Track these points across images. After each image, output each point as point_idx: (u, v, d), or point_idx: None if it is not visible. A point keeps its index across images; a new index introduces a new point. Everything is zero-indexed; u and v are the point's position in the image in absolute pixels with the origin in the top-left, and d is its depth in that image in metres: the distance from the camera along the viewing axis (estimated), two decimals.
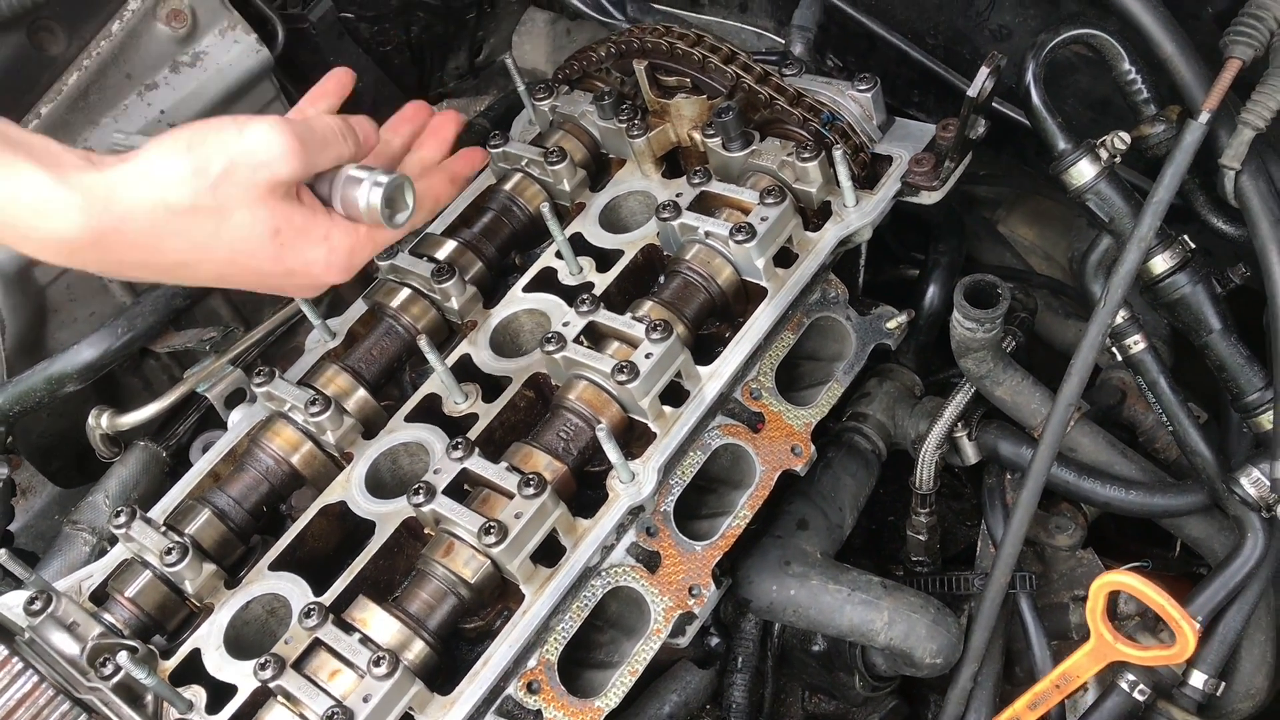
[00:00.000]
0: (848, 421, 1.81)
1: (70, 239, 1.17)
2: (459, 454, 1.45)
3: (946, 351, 1.69)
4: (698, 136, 1.71)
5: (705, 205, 1.66)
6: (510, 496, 1.39)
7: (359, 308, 1.77)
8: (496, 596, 1.44)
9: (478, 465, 1.44)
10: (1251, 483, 1.48)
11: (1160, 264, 1.51)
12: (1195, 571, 1.82)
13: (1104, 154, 1.51)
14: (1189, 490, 1.59)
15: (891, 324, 1.71)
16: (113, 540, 1.64)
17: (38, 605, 1.45)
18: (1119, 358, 1.57)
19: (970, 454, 1.72)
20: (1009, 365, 1.65)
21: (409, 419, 1.61)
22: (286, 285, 1.34)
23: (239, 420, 1.69)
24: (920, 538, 1.80)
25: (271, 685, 1.35)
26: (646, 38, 1.74)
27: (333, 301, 2.02)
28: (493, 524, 1.35)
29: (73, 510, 1.81)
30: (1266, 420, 1.47)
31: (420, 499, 1.41)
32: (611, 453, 1.39)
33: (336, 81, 1.51)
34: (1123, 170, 1.58)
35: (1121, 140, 1.49)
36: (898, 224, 1.99)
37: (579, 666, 1.51)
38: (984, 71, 1.48)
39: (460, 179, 1.54)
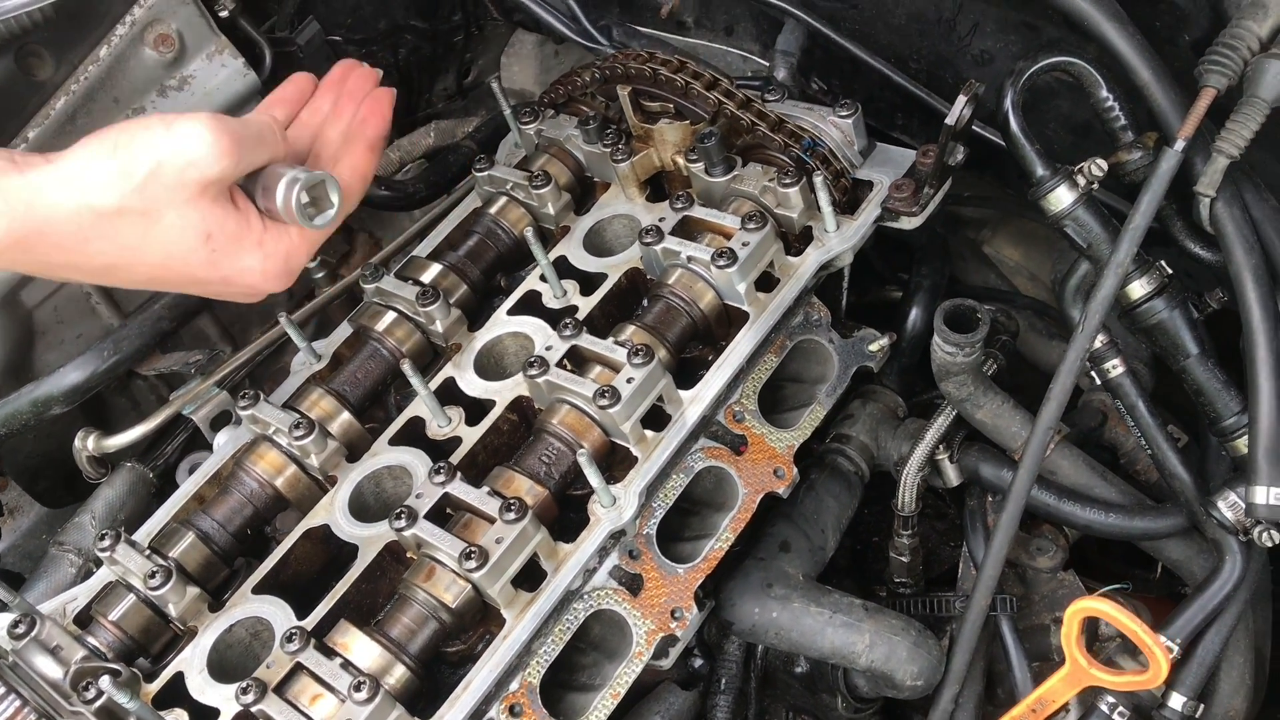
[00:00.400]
0: (830, 443, 1.82)
1: None
2: (441, 478, 1.46)
3: (929, 373, 1.70)
4: (681, 161, 1.72)
5: (688, 230, 1.67)
6: (492, 521, 1.40)
7: (344, 330, 1.78)
8: (478, 620, 1.44)
9: (459, 490, 1.45)
10: (1229, 506, 1.49)
11: (1138, 289, 1.52)
12: (1178, 591, 1.83)
13: (1081, 180, 1.52)
14: (1168, 513, 1.60)
15: (874, 347, 1.72)
16: (98, 561, 1.64)
17: (21, 629, 1.45)
18: (1098, 381, 1.59)
19: (952, 476, 1.73)
20: (990, 389, 1.66)
21: (393, 442, 1.62)
22: (225, 292, 1.33)
23: (224, 443, 1.69)
24: (903, 559, 1.81)
25: (253, 710, 1.35)
26: (630, 64, 1.75)
27: (320, 323, 2.04)
28: (474, 549, 1.35)
29: (59, 531, 1.81)
30: (1243, 445, 1.48)
31: (402, 523, 1.42)
32: (593, 477, 1.40)
33: (296, 88, 1.48)
34: (1102, 194, 1.60)
35: (1099, 167, 1.51)
36: (882, 244, 2.00)
37: (561, 689, 1.52)
38: (961, 100, 1.50)
39: (377, 142, 1.47)
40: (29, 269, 1.25)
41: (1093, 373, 1.58)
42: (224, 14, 1.92)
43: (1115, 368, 1.56)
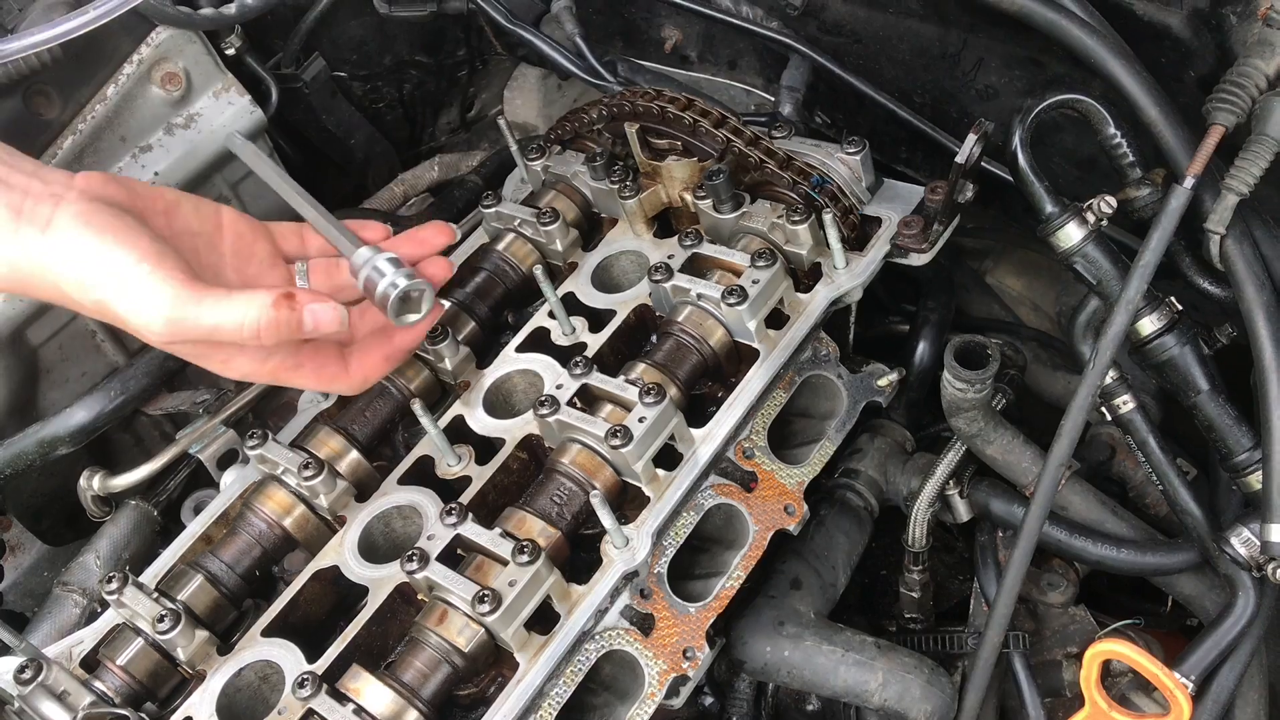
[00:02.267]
0: (840, 478, 1.82)
1: None
2: (452, 519, 1.45)
3: (937, 406, 1.70)
4: (689, 198, 1.73)
5: (697, 267, 1.67)
6: (504, 563, 1.39)
7: None
8: (491, 663, 1.43)
9: (471, 531, 1.44)
10: (1242, 543, 1.49)
11: (1148, 325, 1.52)
12: (1189, 624, 1.82)
13: (1091, 217, 1.52)
14: (1180, 549, 1.59)
15: (883, 382, 1.72)
16: (104, 602, 1.63)
17: (28, 674, 1.44)
18: (1108, 417, 1.59)
19: (962, 512, 1.73)
20: (1000, 424, 1.66)
21: (402, 481, 1.61)
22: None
23: (231, 482, 1.69)
24: (913, 595, 1.80)
25: None
26: (638, 101, 1.75)
27: None
28: (486, 592, 1.35)
29: (63, 571, 1.80)
30: (1255, 480, 1.48)
31: (414, 566, 1.41)
32: (606, 519, 1.39)
33: (435, 231, 1.60)
34: (1110, 229, 1.60)
35: (1108, 204, 1.51)
36: (888, 276, 2.00)
37: None
38: (971, 138, 1.50)
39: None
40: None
41: (1103, 409, 1.58)
42: (230, 51, 1.93)
43: (1126, 403, 1.56)
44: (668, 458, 1.52)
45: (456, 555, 1.46)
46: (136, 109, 1.83)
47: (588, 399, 1.57)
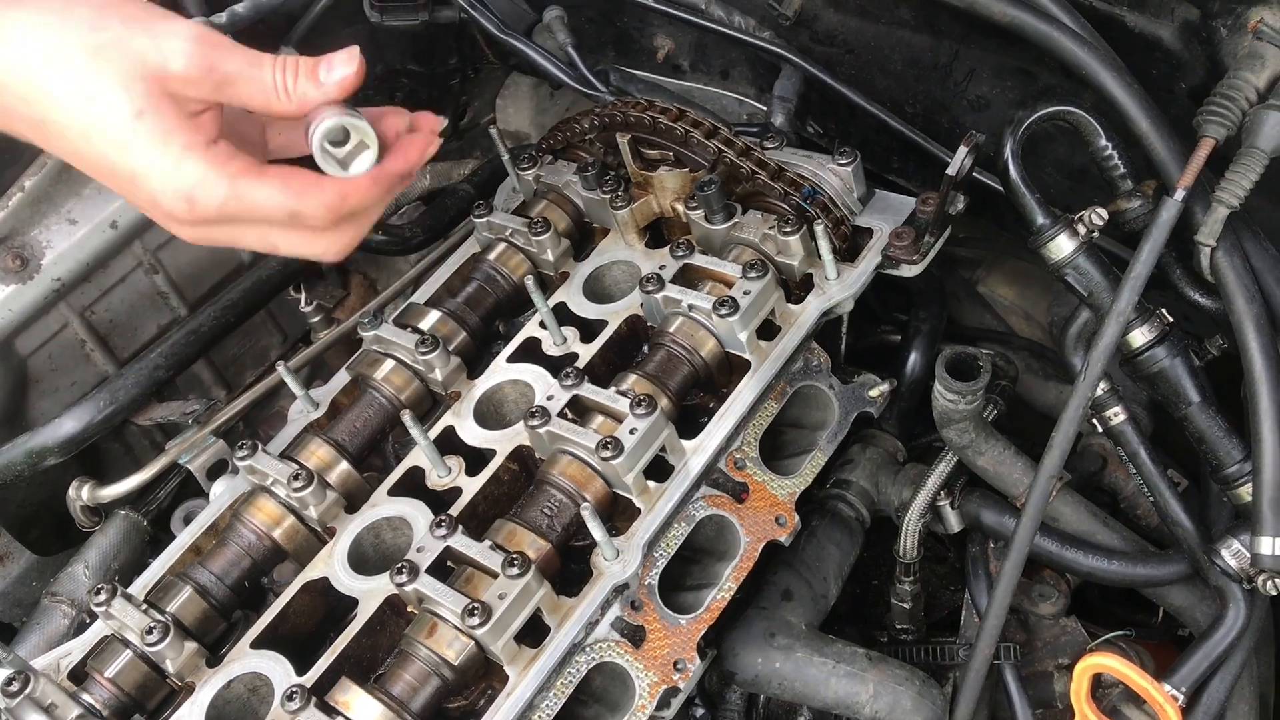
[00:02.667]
0: (831, 489, 1.82)
1: None
2: (442, 531, 1.45)
3: (929, 417, 1.69)
4: (680, 208, 1.73)
5: (689, 277, 1.67)
6: (494, 576, 1.39)
7: (342, 378, 1.77)
8: (481, 676, 1.43)
9: (461, 543, 1.43)
10: (1232, 554, 1.49)
11: (1139, 337, 1.52)
12: (1181, 634, 1.82)
13: (1082, 229, 1.53)
14: (1170, 560, 1.59)
15: (874, 392, 1.72)
16: (92, 613, 1.62)
17: (15, 686, 1.43)
18: (1099, 429, 1.59)
19: (953, 522, 1.73)
20: (991, 435, 1.66)
21: (392, 492, 1.61)
22: (133, 198, 1.23)
23: (221, 492, 1.68)
24: (905, 605, 1.80)
25: None
26: (630, 112, 1.75)
27: (318, 372, 2.03)
28: (476, 605, 1.34)
29: (52, 581, 1.79)
30: (1246, 492, 1.48)
31: (404, 578, 1.40)
32: (596, 532, 1.39)
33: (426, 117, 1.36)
34: (1102, 239, 1.60)
35: (1099, 216, 1.51)
36: (880, 286, 2.01)
37: None
38: (962, 151, 1.50)
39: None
40: None
41: (1094, 420, 1.58)
42: None
43: (1117, 415, 1.56)
44: (659, 469, 1.52)
45: (446, 567, 1.46)
46: None
47: (579, 410, 1.57)
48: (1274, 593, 1.45)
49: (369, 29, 2.07)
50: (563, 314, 1.73)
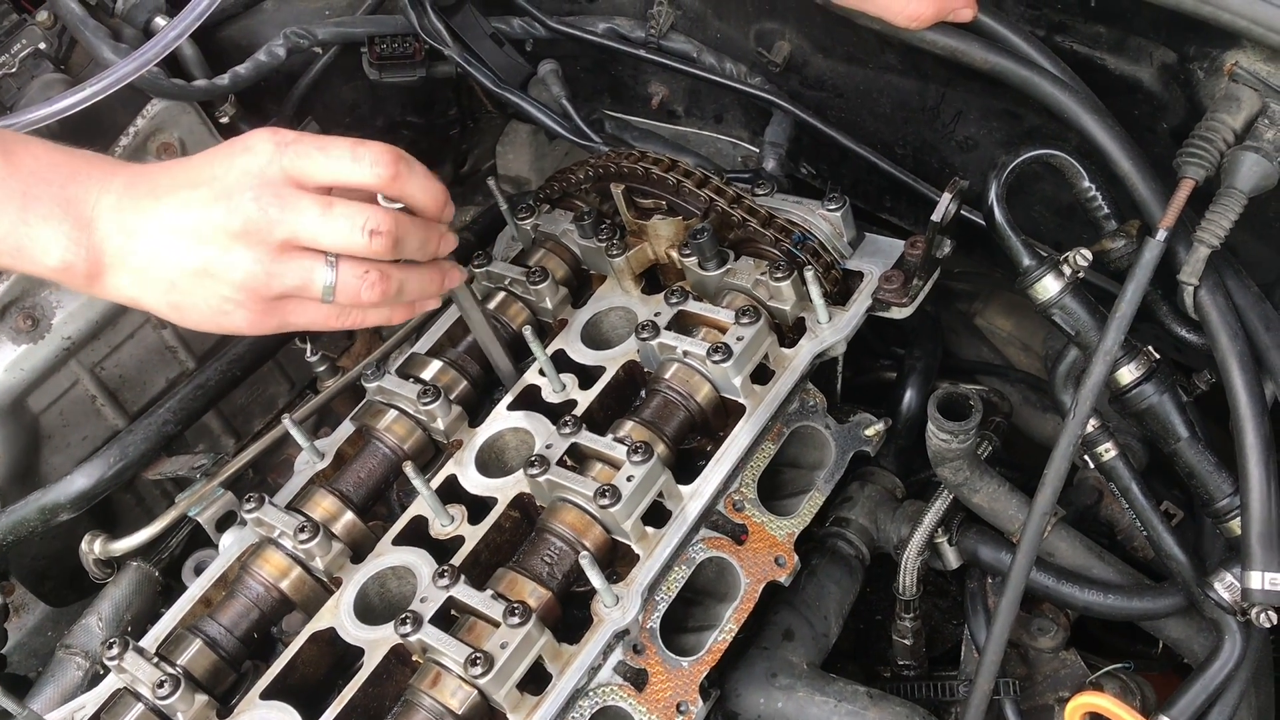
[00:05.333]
0: (831, 527, 1.84)
1: None
2: (445, 582, 1.47)
3: (925, 452, 1.72)
4: (675, 255, 1.76)
5: (683, 324, 1.71)
6: (496, 625, 1.41)
7: (346, 428, 1.80)
8: None
9: (463, 593, 1.46)
10: (1225, 587, 1.50)
11: (1127, 375, 1.54)
12: (1181, 663, 1.83)
13: (1067, 270, 1.55)
14: (1166, 593, 1.61)
15: (870, 431, 1.74)
16: (106, 665, 1.65)
17: None
18: (1091, 465, 1.61)
19: (951, 559, 1.75)
20: (985, 473, 1.68)
21: (396, 541, 1.64)
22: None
23: (230, 544, 1.71)
24: (906, 642, 1.81)
25: None
26: (623, 163, 1.79)
27: (326, 418, 2.06)
28: (479, 655, 1.37)
29: (66, 634, 1.82)
30: (1237, 526, 1.49)
31: (407, 629, 1.43)
32: (595, 579, 1.41)
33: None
34: (1091, 274, 1.62)
35: (1084, 257, 1.54)
36: (876, 320, 2.03)
37: None
38: (946, 197, 1.53)
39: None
40: None
41: (1086, 457, 1.60)
42: (225, 120, 1.97)
43: (1108, 451, 1.58)
44: (658, 514, 1.55)
45: (450, 616, 1.49)
46: None
47: (578, 457, 1.60)
48: (1268, 625, 1.47)
49: (368, 85, 2.12)
50: (562, 361, 1.76)
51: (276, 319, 1.40)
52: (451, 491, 1.67)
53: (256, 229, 1.32)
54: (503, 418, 1.73)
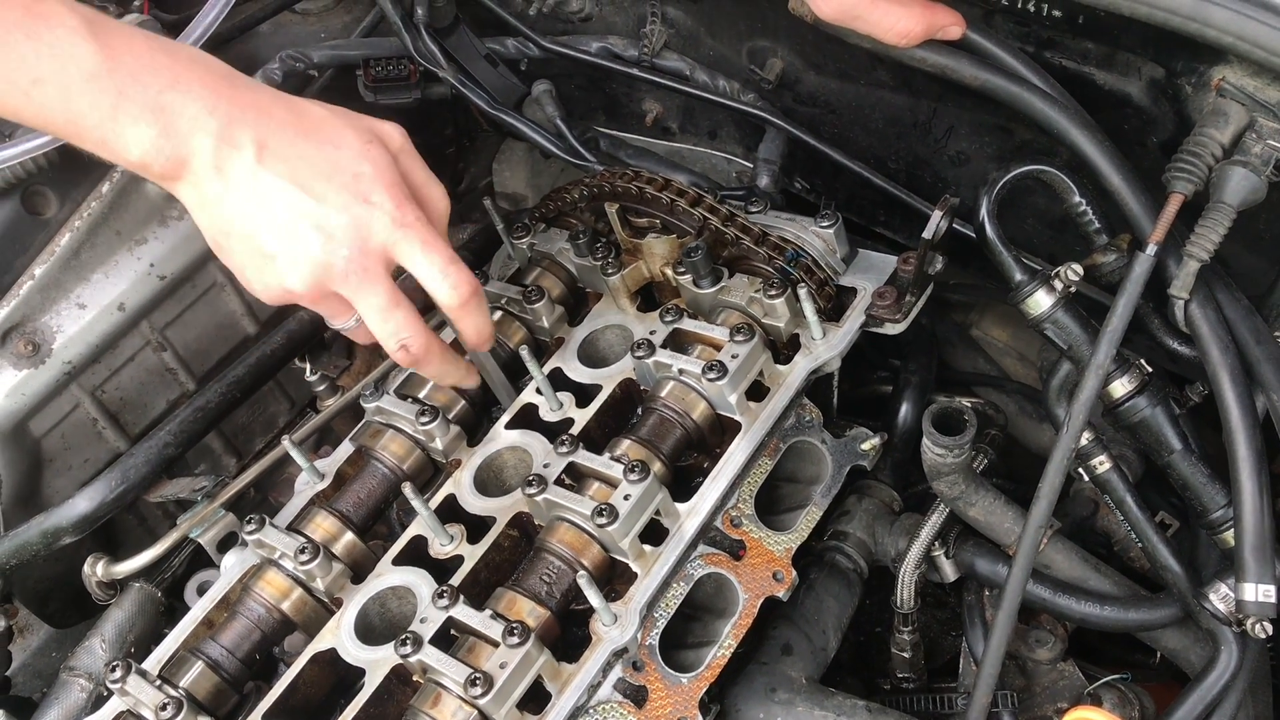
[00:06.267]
0: (829, 540, 1.84)
1: None
2: (444, 602, 1.49)
3: (922, 466, 1.73)
4: (669, 273, 1.77)
5: (679, 342, 1.72)
6: (495, 645, 1.42)
7: (346, 448, 1.81)
8: None
9: (463, 613, 1.47)
10: (1220, 598, 1.51)
11: (1119, 388, 1.56)
12: (1181, 672, 1.84)
13: (1059, 284, 1.56)
14: (1162, 605, 1.62)
15: (866, 446, 1.75)
16: (109, 688, 1.66)
17: None
18: (1085, 478, 1.62)
19: (949, 572, 1.76)
20: (981, 486, 1.69)
21: (396, 561, 1.65)
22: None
23: (231, 565, 1.72)
24: (904, 655, 1.82)
25: None
26: (617, 182, 1.80)
27: (327, 436, 2.07)
28: (478, 675, 1.38)
29: (69, 656, 1.83)
30: (1231, 537, 1.50)
31: (407, 649, 1.44)
32: (594, 598, 1.42)
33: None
34: (1084, 286, 1.63)
35: (1074, 272, 1.55)
36: (871, 334, 2.04)
37: None
38: (937, 215, 1.55)
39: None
40: None
41: (1080, 470, 1.61)
42: None
43: (1102, 464, 1.59)
44: (655, 532, 1.56)
45: (450, 636, 1.50)
46: (131, 204, 1.88)
47: (575, 475, 1.61)
48: (1263, 636, 1.48)
49: (364, 107, 2.13)
50: (559, 380, 1.78)
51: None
52: (451, 511, 1.68)
53: (327, 266, 1.40)
54: (501, 437, 1.74)
